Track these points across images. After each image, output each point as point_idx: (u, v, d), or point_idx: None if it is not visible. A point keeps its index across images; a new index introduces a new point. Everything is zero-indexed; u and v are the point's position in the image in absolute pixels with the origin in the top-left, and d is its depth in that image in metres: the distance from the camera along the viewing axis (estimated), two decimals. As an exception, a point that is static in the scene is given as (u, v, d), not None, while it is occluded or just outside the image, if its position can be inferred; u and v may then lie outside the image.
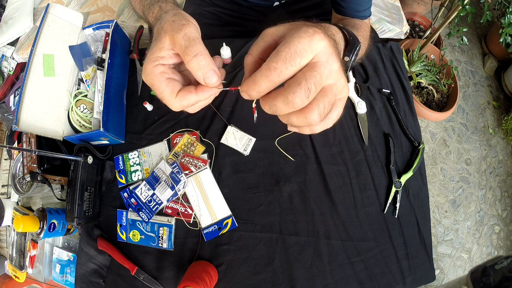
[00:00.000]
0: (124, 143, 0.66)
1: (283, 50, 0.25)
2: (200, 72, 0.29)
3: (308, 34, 0.25)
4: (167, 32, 0.32)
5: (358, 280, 0.60)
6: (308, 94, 0.25)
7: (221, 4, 0.85)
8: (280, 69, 0.25)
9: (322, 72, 0.26)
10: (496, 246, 1.55)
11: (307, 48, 0.25)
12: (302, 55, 0.25)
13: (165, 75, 0.32)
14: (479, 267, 0.35)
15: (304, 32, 0.26)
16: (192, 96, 0.31)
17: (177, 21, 0.32)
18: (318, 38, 0.26)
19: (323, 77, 0.26)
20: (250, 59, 0.30)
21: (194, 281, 0.50)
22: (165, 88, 0.32)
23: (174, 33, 0.31)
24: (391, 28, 1.22)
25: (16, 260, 0.64)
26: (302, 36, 0.25)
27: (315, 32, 0.26)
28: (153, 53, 0.33)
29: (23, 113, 0.54)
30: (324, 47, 0.26)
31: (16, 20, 0.91)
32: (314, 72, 0.26)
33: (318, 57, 0.26)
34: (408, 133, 0.70)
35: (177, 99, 0.32)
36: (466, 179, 1.60)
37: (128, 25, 0.97)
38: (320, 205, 0.62)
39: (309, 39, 0.25)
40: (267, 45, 0.29)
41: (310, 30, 0.26)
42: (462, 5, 1.07)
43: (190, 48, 0.30)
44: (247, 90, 0.27)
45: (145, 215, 0.59)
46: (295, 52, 0.25)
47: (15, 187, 0.68)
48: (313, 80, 0.25)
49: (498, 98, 1.87)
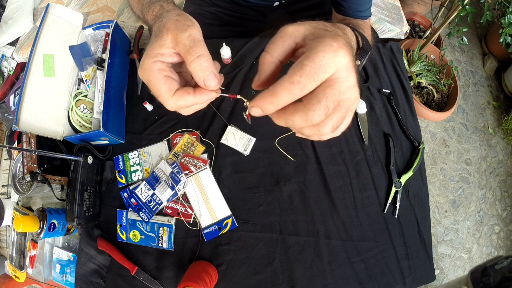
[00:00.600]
0: (124, 143, 0.66)
1: (307, 64, 0.24)
2: (201, 73, 0.29)
3: (333, 49, 0.25)
4: (170, 31, 0.32)
5: (358, 280, 0.60)
6: (327, 111, 0.26)
7: (221, 4, 0.85)
8: (304, 84, 0.24)
9: (340, 89, 0.26)
10: (496, 246, 1.55)
11: (331, 63, 0.25)
12: (325, 71, 0.25)
13: (163, 73, 0.32)
14: (479, 267, 0.35)
15: (329, 45, 0.25)
16: (190, 98, 0.31)
17: (182, 21, 0.32)
18: (343, 54, 0.25)
19: (341, 93, 0.26)
20: (269, 59, 0.28)
21: (194, 281, 0.50)
22: (163, 85, 0.31)
23: (179, 33, 0.31)
24: (391, 28, 1.22)
25: (16, 260, 0.64)
26: (327, 51, 0.25)
27: (340, 47, 0.25)
28: (153, 49, 0.32)
29: (23, 113, 0.54)
30: (346, 63, 0.26)
31: (16, 20, 0.91)
32: (334, 89, 0.26)
33: (339, 72, 0.26)
34: (408, 133, 0.70)
35: (174, 98, 0.31)
36: (466, 179, 1.60)
37: (128, 25, 0.97)
38: (320, 205, 0.62)
39: (334, 53, 0.25)
40: (287, 47, 0.28)
41: (335, 44, 0.25)
42: (462, 5, 1.07)
43: (194, 49, 0.30)
44: (263, 103, 0.26)
45: (145, 215, 0.59)
46: (320, 67, 0.24)
47: (15, 187, 0.68)
48: (332, 98, 0.25)
49: (498, 98, 1.87)
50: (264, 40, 0.75)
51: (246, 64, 0.72)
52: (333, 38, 0.26)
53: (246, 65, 0.72)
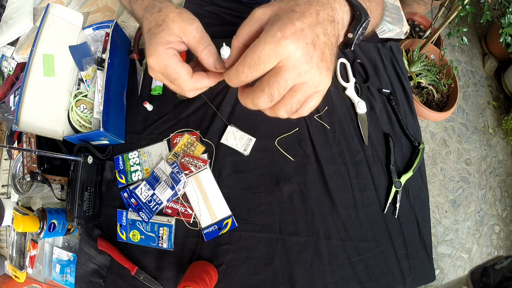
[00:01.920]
0: (124, 143, 0.66)
1: (248, 56, 0.27)
2: (212, 59, 0.34)
3: (274, 40, 0.26)
4: (177, 22, 0.34)
5: (358, 280, 0.60)
6: (271, 98, 0.28)
7: (221, 3, 0.85)
8: (246, 73, 0.27)
9: (287, 77, 0.27)
10: (496, 246, 1.55)
11: (271, 54, 0.26)
12: (265, 62, 0.26)
13: (178, 57, 0.34)
14: (479, 267, 0.35)
15: (271, 36, 0.26)
16: (205, 80, 0.34)
17: (186, 14, 0.35)
18: (285, 44, 0.26)
19: (288, 81, 0.27)
20: (236, 44, 0.31)
21: (194, 281, 0.50)
22: (181, 68, 0.33)
23: (187, 25, 0.34)
24: (391, 28, 1.22)
25: (16, 260, 0.64)
26: (268, 42, 0.26)
27: (283, 38, 0.26)
28: (163, 37, 0.34)
29: (23, 113, 0.54)
30: (291, 51, 0.26)
31: (16, 20, 0.91)
32: (277, 78, 0.27)
33: (284, 61, 0.27)
34: (408, 133, 0.70)
35: (193, 80, 0.34)
36: (466, 179, 1.60)
37: (128, 25, 0.97)
38: (320, 205, 0.62)
39: (274, 45, 0.26)
40: (253, 31, 0.30)
41: (279, 33, 0.26)
42: (462, 5, 1.07)
43: (204, 40, 0.34)
44: (228, 81, 0.30)
45: (145, 215, 0.59)
46: (259, 58, 0.26)
47: (15, 187, 0.68)
48: (276, 86, 0.27)
49: (498, 98, 1.87)
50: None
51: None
52: (283, 26, 0.26)
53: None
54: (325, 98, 0.72)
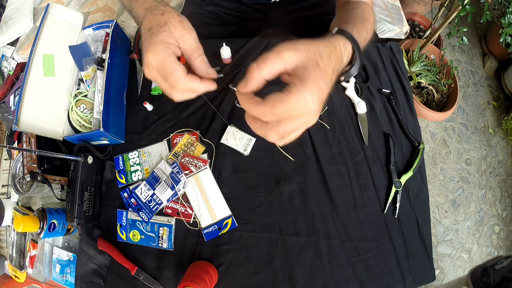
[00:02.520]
0: (124, 143, 0.66)
1: (278, 109, 0.31)
2: (204, 66, 0.37)
3: (304, 103, 0.31)
4: (178, 29, 0.37)
5: (358, 280, 0.60)
6: (281, 136, 0.33)
7: (221, 3, 0.85)
8: (269, 117, 0.32)
9: (298, 123, 0.32)
10: (496, 246, 1.55)
11: (298, 112, 0.31)
12: (290, 115, 0.32)
13: (175, 57, 0.37)
14: (479, 267, 0.35)
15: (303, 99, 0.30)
16: (198, 83, 0.37)
17: (186, 24, 0.38)
18: (311, 106, 0.31)
19: (297, 124, 0.33)
20: (258, 76, 0.33)
21: (194, 281, 0.50)
22: (178, 66, 0.36)
23: (186, 33, 0.37)
24: (391, 28, 1.22)
25: (16, 260, 0.64)
26: (300, 104, 0.31)
27: (312, 101, 0.31)
28: (164, 37, 0.36)
29: (23, 113, 0.54)
30: (312, 109, 0.32)
31: (16, 20, 0.91)
32: (291, 124, 0.32)
33: (302, 113, 0.32)
34: (408, 133, 0.70)
35: (187, 78, 0.36)
36: (466, 179, 1.60)
37: (128, 25, 0.97)
38: (320, 205, 0.62)
39: (303, 107, 0.31)
40: (276, 70, 0.33)
41: (309, 97, 0.31)
42: (462, 5, 1.07)
43: (199, 49, 0.37)
44: (245, 108, 0.33)
45: (145, 215, 0.59)
46: (287, 112, 0.31)
47: (15, 187, 0.68)
48: (288, 129, 0.33)
49: (498, 98, 1.87)
50: (264, 40, 0.75)
51: (246, 64, 0.72)
52: (312, 88, 0.31)
53: (246, 65, 0.72)
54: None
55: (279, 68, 0.32)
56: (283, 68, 0.33)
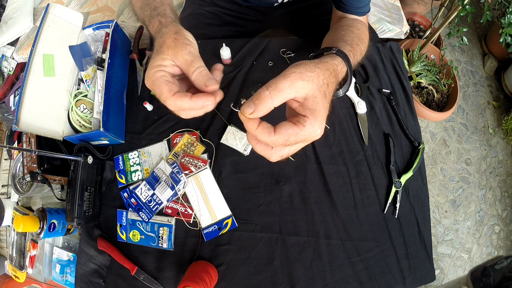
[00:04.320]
0: (124, 143, 0.66)
1: (291, 140, 0.33)
2: (201, 79, 0.36)
3: (315, 135, 0.34)
4: (171, 48, 0.38)
5: (358, 280, 0.60)
6: (281, 156, 0.36)
7: (221, 4, 0.85)
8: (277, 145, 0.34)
9: (301, 145, 0.36)
10: (496, 246, 1.54)
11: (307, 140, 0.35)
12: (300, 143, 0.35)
13: (165, 78, 0.38)
14: (479, 267, 0.35)
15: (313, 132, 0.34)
16: (186, 100, 0.36)
17: (180, 40, 0.38)
18: (319, 134, 0.35)
19: (300, 147, 0.36)
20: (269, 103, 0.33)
21: (194, 281, 0.50)
22: (164, 87, 0.37)
23: (179, 50, 0.37)
24: (391, 28, 1.22)
25: (16, 260, 0.64)
26: (311, 136, 0.34)
27: (320, 133, 0.34)
28: (155, 61, 0.38)
29: (23, 113, 0.54)
30: (319, 136, 0.35)
31: (16, 20, 0.91)
32: (296, 147, 0.36)
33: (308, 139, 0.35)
34: (408, 133, 0.70)
35: (173, 98, 0.36)
36: (466, 179, 1.60)
37: (128, 25, 0.97)
38: (320, 205, 0.62)
39: (312, 137, 0.34)
40: (287, 99, 0.34)
41: (320, 131, 0.34)
42: (462, 5, 1.07)
43: (195, 63, 0.36)
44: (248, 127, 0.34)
45: (145, 215, 0.59)
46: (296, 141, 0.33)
47: (15, 187, 0.68)
48: (291, 151, 0.36)
49: (498, 98, 1.87)
50: (264, 40, 0.75)
51: (246, 64, 0.72)
52: (322, 121, 0.34)
53: (246, 65, 0.72)
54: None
55: (290, 97, 0.33)
56: (293, 97, 0.34)
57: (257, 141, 0.35)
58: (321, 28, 0.78)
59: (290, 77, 0.33)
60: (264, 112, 0.33)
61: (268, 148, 0.35)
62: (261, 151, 0.35)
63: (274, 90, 0.32)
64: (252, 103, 0.32)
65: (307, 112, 0.34)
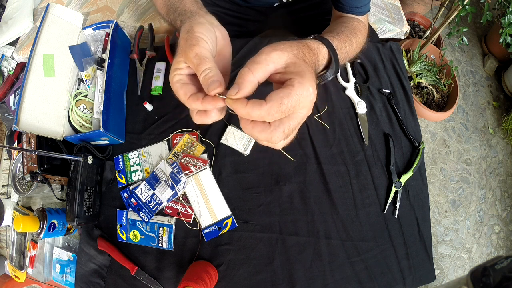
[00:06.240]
0: (124, 143, 0.66)
1: (285, 104, 0.31)
2: (205, 82, 0.36)
3: (308, 93, 0.32)
4: (182, 50, 0.38)
5: (358, 280, 0.60)
6: (286, 135, 0.33)
7: (221, 4, 0.85)
8: (274, 116, 0.31)
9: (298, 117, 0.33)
10: (496, 246, 1.54)
11: (305, 104, 0.33)
12: (297, 109, 0.32)
13: (181, 81, 0.38)
14: (479, 267, 0.35)
15: (306, 90, 0.32)
16: (198, 103, 0.36)
17: (189, 40, 0.38)
18: (314, 98, 0.33)
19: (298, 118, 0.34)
20: (251, 78, 0.33)
21: (194, 281, 0.50)
22: (180, 90, 0.37)
23: (187, 52, 0.37)
24: (391, 28, 1.22)
25: (16, 260, 0.64)
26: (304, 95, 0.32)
27: (313, 92, 0.33)
28: (173, 65, 0.39)
29: (23, 113, 0.54)
30: (312, 101, 0.33)
31: (16, 20, 0.91)
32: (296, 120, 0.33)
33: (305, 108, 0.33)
34: (408, 133, 0.70)
35: (188, 100, 0.37)
36: (466, 179, 1.60)
37: (128, 25, 0.97)
38: (320, 205, 0.62)
39: (307, 98, 0.32)
40: (268, 71, 0.33)
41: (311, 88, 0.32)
42: (462, 5, 1.07)
43: (200, 66, 0.36)
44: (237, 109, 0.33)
45: (145, 215, 0.59)
46: (293, 107, 0.32)
47: (15, 187, 0.68)
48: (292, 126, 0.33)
49: (498, 98, 1.87)
50: (264, 40, 0.75)
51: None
52: (310, 80, 0.33)
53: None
54: (325, 98, 0.72)
55: (270, 69, 0.33)
56: (274, 69, 0.34)
57: (253, 124, 0.33)
58: (321, 28, 0.78)
59: (264, 51, 0.34)
60: (249, 89, 0.33)
61: (267, 127, 0.33)
62: (260, 133, 0.33)
63: (253, 64, 0.33)
64: (236, 84, 0.33)
65: (292, 74, 0.33)
